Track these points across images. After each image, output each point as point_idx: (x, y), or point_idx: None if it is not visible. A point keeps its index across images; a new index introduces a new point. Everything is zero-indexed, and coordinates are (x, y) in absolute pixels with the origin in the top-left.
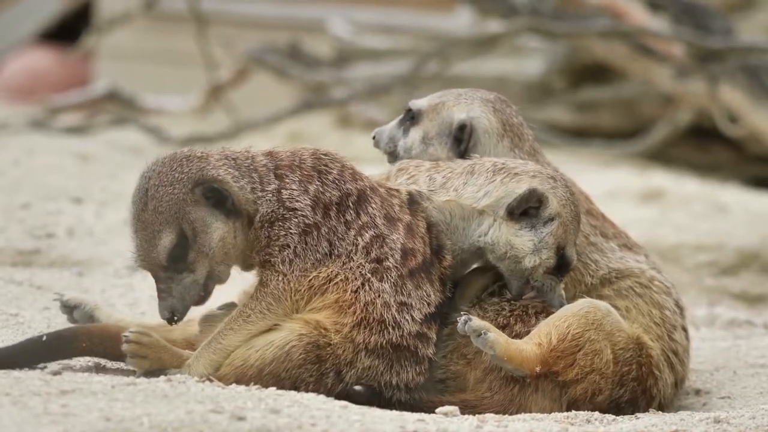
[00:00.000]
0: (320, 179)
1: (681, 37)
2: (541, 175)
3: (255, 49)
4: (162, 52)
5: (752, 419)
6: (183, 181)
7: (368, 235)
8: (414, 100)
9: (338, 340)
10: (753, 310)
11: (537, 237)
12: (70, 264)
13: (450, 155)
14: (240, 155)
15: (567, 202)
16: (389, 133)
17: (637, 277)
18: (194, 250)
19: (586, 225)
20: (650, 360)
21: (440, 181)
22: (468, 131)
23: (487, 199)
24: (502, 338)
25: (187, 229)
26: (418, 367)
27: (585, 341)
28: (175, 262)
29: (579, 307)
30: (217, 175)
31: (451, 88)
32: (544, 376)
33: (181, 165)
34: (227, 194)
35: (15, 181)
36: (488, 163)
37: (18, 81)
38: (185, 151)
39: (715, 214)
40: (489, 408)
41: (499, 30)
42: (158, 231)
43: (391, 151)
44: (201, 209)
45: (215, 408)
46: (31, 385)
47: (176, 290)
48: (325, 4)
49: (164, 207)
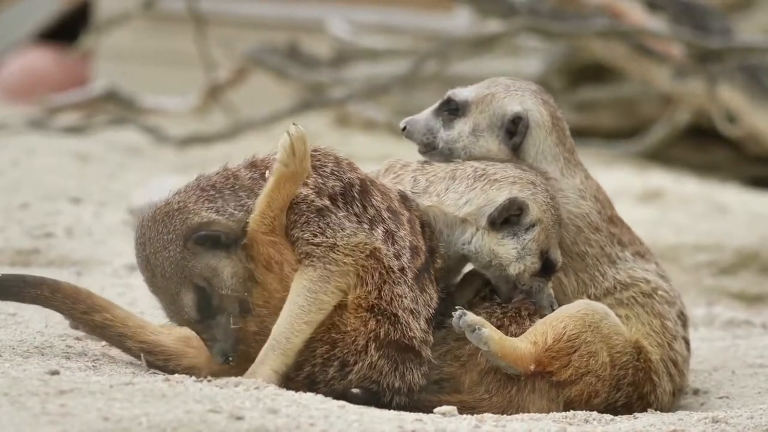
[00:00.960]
0: (317, 173)
1: (680, 37)
2: (521, 180)
3: (254, 49)
4: (161, 52)
5: (750, 419)
6: (174, 241)
7: (380, 229)
8: (456, 90)
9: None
10: (752, 310)
11: (520, 244)
12: (69, 264)
13: (501, 148)
14: (218, 179)
15: (547, 207)
16: (425, 124)
17: (641, 287)
18: (215, 296)
19: (606, 234)
20: (649, 365)
21: (423, 184)
22: (524, 124)
23: (468, 207)
24: (496, 334)
25: (199, 282)
26: (422, 369)
27: (581, 342)
28: (206, 313)
29: (576, 309)
30: (201, 219)
31: (495, 78)
32: (540, 376)
33: (165, 224)
34: (218, 232)
35: (14, 181)
36: (469, 169)
37: (17, 81)
38: (162, 206)
39: (714, 214)
40: (487, 410)
41: (497, 30)
42: (176, 293)
43: (428, 142)
44: (202, 258)
45: (213, 408)
46: (29, 385)
47: (218, 334)
48: (323, 5)
49: (170, 271)
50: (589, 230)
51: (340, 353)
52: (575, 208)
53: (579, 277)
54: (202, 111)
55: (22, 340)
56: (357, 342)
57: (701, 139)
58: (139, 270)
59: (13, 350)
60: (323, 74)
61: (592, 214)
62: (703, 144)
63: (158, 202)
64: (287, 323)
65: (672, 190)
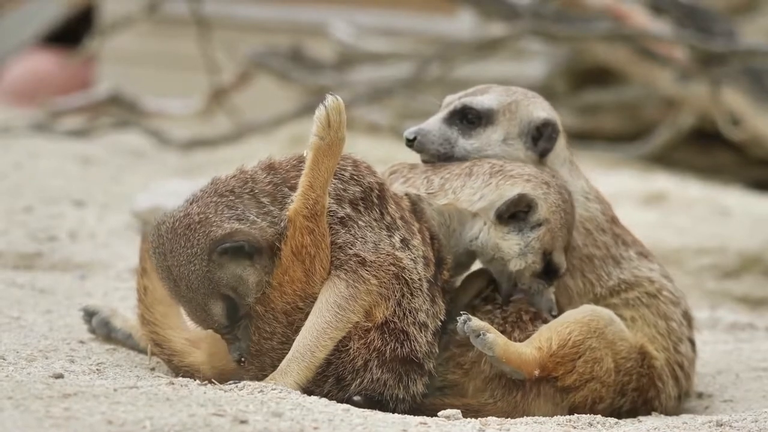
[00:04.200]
0: (336, 177)
1: (683, 40)
2: (536, 179)
3: (257, 53)
4: (164, 56)
5: (755, 422)
6: (198, 255)
7: (397, 236)
8: (470, 99)
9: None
10: (755, 313)
11: (523, 241)
12: (72, 267)
13: (528, 154)
14: (236, 184)
15: (557, 208)
16: (440, 134)
17: (645, 287)
18: (242, 304)
19: (611, 235)
20: (653, 371)
21: (438, 183)
22: (555, 130)
23: (482, 202)
24: (501, 339)
25: (226, 291)
26: (424, 379)
27: (586, 348)
28: (234, 319)
29: (582, 314)
30: (223, 231)
31: (490, 85)
32: (545, 381)
33: (188, 238)
34: (241, 242)
35: (17, 184)
36: (486, 165)
37: (20, 84)
38: (182, 218)
39: (717, 218)
40: (492, 414)
41: (501, 33)
42: (204, 304)
43: (445, 152)
44: (228, 268)
45: (217, 411)
46: (33, 389)
47: (240, 334)
48: (327, 8)
49: (196, 284)
50: (597, 232)
51: (334, 371)
52: (584, 211)
53: (586, 278)
54: (206, 114)
55: (26, 343)
56: (355, 361)
57: (704, 143)
58: (159, 278)
59: (17, 354)
60: (326, 77)
61: (598, 215)
62: (706, 147)
63: (176, 212)
64: (313, 337)
65: (675, 193)
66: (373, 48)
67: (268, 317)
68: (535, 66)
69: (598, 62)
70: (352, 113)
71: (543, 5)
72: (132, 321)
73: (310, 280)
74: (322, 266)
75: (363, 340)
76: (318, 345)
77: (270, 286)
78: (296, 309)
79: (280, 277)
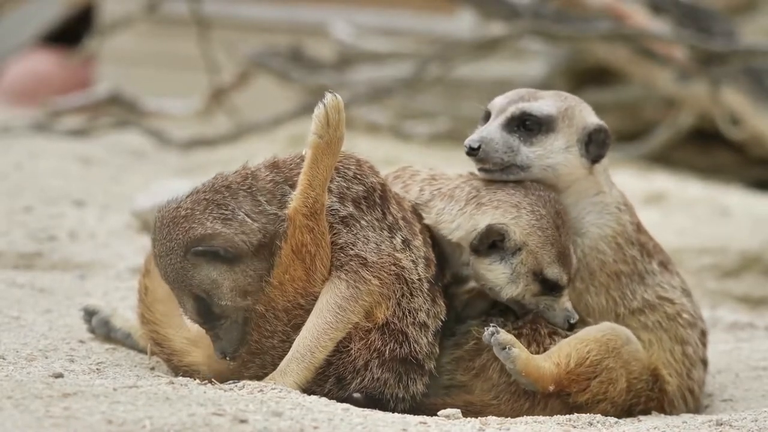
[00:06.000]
0: (340, 175)
1: (683, 40)
2: (504, 204)
3: (257, 53)
4: (164, 56)
5: (755, 422)
6: (175, 250)
7: (399, 237)
8: (531, 105)
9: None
10: (755, 313)
11: (509, 269)
12: (72, 267)
13: (582, 161)
14: (235, 179)
15: (532, 228)
16: (504, 142)
17: (665, 309)
18: (215, 305)
19: (637, 246)
20: (664, 395)
21: (427, 197)
22: (608, 136)
23: (459, 232)
24: (524, 354)
25: (198, 291)
26: (424, 379)
27: (603, 369)
28: (208, 317)
29: (602, 333)
30: (204, 231)
31: (539, 90)
32: (556, 395)
33: (170, 230)
34: (216, 248)
35: (17, 184)
36: (467, 188)
37: (20, 84)
38: (173, 209)
39: (718, 217)
40: (493, 415)
41: (501, 33)
42: (180, 296)
43: (508, 160)
44: (202, 270)
45: (217, 411)
46: (32, 389)
47: (221, 334)
48: (326, 7)
49: (172, 277)
50: (627, 246)
51: (334, 371)
52: (617, 224)
53: (610, 296)
54: (206, 114)
55: (26, 343)
56: (356, 362)
57: (704, 142)
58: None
59: (17, 353)
60: (326, 77)
61: (628, 227)
62: (706, 147)
63: (171, 202)
64: (313, 337)
65: (675, 192)
66: (372, 48)
67: (269, 316)
68: (535, 66)
69: (598, 62)
70: (351, 113)
71: (543, 5)
72: (132, 320)
73: (311, 278)
74: (322, 264)
75: (364, 340)
76: (318, 345)
77: (270, 285)
78: (297, 307)
79: (280, 275)
